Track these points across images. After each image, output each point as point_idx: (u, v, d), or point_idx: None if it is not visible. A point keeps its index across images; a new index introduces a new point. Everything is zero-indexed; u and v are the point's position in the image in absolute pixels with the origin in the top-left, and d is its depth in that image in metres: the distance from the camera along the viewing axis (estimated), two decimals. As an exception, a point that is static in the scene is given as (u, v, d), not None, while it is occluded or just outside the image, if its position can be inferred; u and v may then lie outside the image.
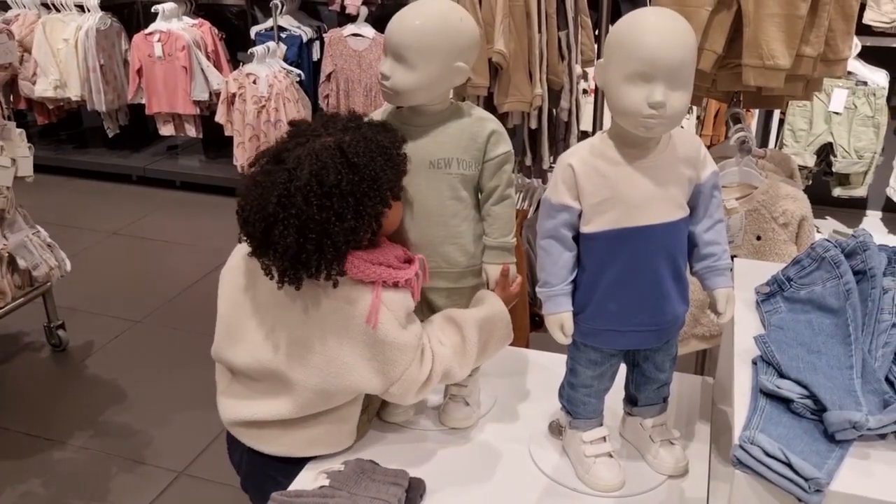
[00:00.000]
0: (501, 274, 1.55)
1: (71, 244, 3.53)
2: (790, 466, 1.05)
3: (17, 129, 2.83)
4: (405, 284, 1.43)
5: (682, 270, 1.36)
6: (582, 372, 1.43)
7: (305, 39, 4.59)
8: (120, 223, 4.54)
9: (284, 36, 4.51)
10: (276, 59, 4.35)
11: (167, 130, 4.82)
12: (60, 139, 5.55)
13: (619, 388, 1.51)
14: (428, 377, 1.44)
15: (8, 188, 2.80)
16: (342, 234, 1.35)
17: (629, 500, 1.42)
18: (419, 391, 1.45)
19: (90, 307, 3.59)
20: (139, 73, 4.67)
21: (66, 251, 3.09)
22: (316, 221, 1.33)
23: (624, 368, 1.49)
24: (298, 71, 4.47)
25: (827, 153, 3.90)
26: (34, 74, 4.75)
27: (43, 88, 4.74)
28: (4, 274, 2.85)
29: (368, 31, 4.37)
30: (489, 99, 2.42)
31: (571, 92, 2.52)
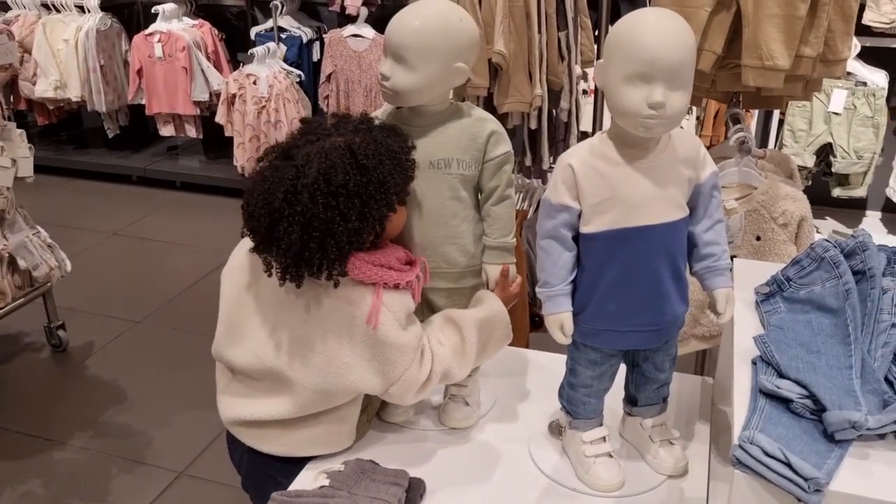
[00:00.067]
0: (501, 274, 1.55)
1: (71, 245, 3.52)
2: (790, 466, 1.05)
3: (17, 129, 2.83)
4: (406, 286, 1.43)
5: (681, 271, 1.36)
6: (582, 372, 1.44)
7: (305, 40, 4.59)
8: (120, 224, 4.54)
9: (284, 36, 4.51)
10: (276, 59, 4.35)
11: (167, 131, 4.82)
12: (61, 140, 5.54)
13: (618, 388, 1.51)
14: (427, 378, 1.44)
15: (8, 189, 2.80)
16: (346, 234, 1.35)
17: (629, 500, 1.42)
18: (419, 392, 1.45)
19: (90, 307, 3.59)
20: (139, 73, 4.67)
21: (66, 251, 3.09)
22: (321, 220, 1.33)
23: (624, 368, 1.49)
24: (298, 72, 4.47)
25: (826, 153, 3.89)
26: (34, 75, 4.75)
27: (43, 89, 4.74)
28: (4, 274, 2.85)
29: (368, 31, 4.36)
30: (489, 99, 2.42)
31: (571, 92, 2.52)
